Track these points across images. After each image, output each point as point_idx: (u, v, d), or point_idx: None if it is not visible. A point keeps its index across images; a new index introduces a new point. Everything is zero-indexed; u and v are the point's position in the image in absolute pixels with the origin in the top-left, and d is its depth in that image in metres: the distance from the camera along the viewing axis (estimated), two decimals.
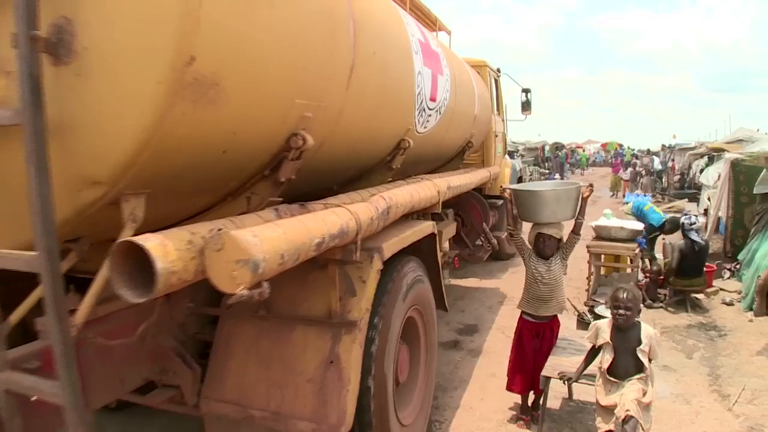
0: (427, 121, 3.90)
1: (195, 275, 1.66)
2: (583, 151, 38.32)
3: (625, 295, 3.11)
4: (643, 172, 19.98)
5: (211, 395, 2.55)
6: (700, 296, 6.70)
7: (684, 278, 6.44)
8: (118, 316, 2.19)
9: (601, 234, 6.67)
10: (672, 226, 7.20)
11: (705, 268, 6.68)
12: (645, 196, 13.76)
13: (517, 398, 4.01)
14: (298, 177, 2.40)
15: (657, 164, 22.19)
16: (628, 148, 35.52)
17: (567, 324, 5.15)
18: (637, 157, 24.92)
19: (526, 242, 3.87)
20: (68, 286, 1.82)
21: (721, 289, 7.02)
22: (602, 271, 6.83)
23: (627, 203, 11.72)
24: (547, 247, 3.74)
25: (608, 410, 3.07)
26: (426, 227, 3.44)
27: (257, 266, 1.62)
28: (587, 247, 6.57)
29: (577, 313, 5.52)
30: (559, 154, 30.80)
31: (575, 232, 3.81)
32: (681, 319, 6.11)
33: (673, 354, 5.09)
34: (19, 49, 1.55)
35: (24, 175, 1.66)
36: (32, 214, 1.60)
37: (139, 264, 1.60)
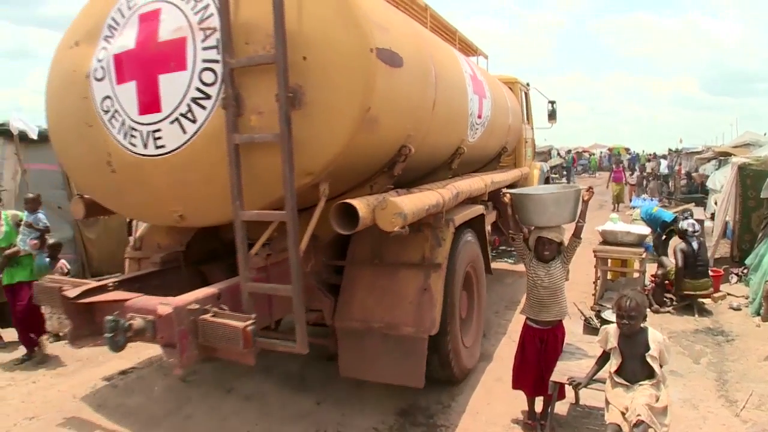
0: (475, 133, 5.28)
1: (370, 222, 3.04)
2: (593, 155, 39.11)
3: (628, 303, 3.10)
4: (651, 177, 20.10)
5: (342, 316, 3.87)
6: (707, 301, 6.62)
7: (691, 280, 6.43)
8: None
9: (608, 238, 6.71)
10: (686, 216, 7.32)
11: (712, 273, 6.69)
12: (652, 200, 13.42)
13: (523, 403, 4.00)
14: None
15: (664, 167, 22.36)
16: (643, 152, 35.82)
17: (573, 329, 5.36)
18: (649, 161, 25.14)
19: (528, 246, 3.86)
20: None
21: (729, 294, 6.98)
22: (609, 275, 6.87)
23: (634, 208, 11.78)
24: (548, 251, 3.69)
25: (618, 410, 3.08)
26: (478, 209, 4.88)
27: (405, 217, 3.03)
28: (594, 251, 6.64)
29: (583, 318, 5.53)
30: (565, 157, 31.36)
31: (576, 235, 3.72)
32: (688, 324, 6.07)
33: (681, 359, 5.05)
34: (280, 102, 2.93)
35: (265, 168, 3.05)
36: (285, 190, 2.97)
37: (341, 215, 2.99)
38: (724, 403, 4.22)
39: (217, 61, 3.16)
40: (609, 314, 4.87)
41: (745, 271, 7.48)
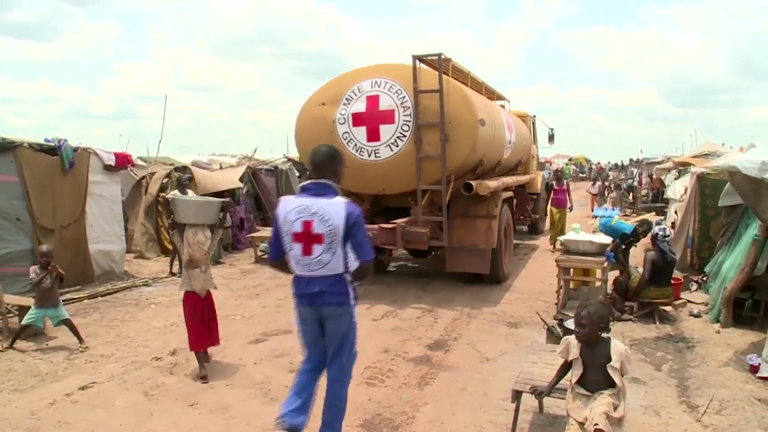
0: (507, 152, 9.58)
1: (476, 191, 7.40)
2: (567, 164, 40.77)
3: (581, 312, 3.15)
4: (612, 186, 20.86)
5: (449, 241, 7.99)
6: (668, 308, 6.76)
7: (656, 288, 6.50)
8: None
9: (570, 248, 6.92)
10: (645, 227, 7.38)
11: (672, 281, 6.83)
12: (614, 209, 12.71)
13: (489, 411, 4.17)
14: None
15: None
16: (608, 162, 38.23)
17: (537, 337, 5.78)
18: (612, 170, 26.73)
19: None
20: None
21: (689, 301, 7.17)
22: (571, 284, 7.02)
23: (596, 218, 12.52)
24: None
25: (579, 423, 3.06)
26: (510, 193, 9.25)
27: (489, 188, 7.48)
28: (556, 260, 6.92)
29: (546, 327, 5.65)
30: None
31: None
32: (649, 332, 6.17)
33: (642, 366, 5.10)
34: (441, 141, 7.29)
35: (429, 167, 7.41)
36: (442, 176, 7.29)
37: (464, 186, 7.39)
38: (686, 409, 4.29)
39: (409, 122, 7.44)
40: (571, 323, 4.86)
41: (705, 278, 7.61)
